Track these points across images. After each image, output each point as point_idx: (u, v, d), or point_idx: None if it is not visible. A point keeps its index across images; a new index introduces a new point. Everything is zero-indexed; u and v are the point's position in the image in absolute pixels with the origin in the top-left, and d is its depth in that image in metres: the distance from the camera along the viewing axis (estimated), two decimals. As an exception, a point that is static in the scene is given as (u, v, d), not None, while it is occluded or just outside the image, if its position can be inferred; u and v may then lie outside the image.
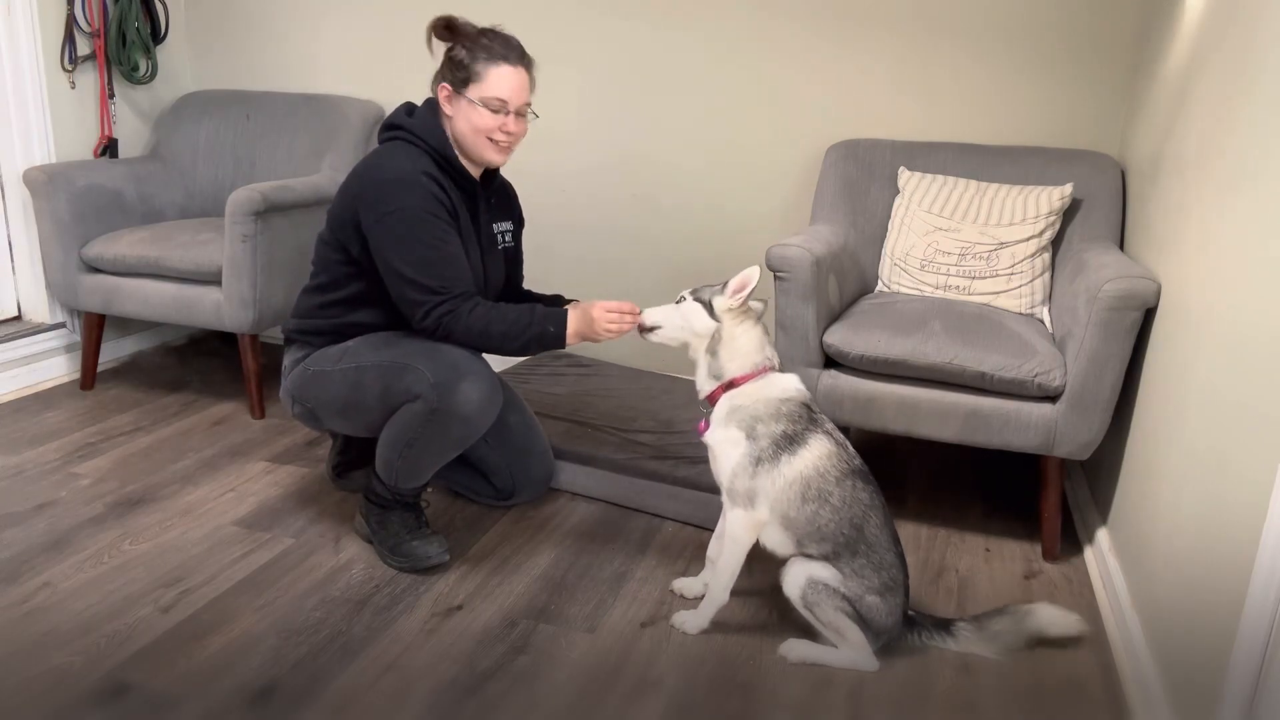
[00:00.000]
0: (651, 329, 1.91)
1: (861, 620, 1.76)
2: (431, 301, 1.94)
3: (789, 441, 1.77)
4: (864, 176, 2.76)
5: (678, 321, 1.88)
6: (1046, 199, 2.50)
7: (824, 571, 1.77)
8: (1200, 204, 1.82)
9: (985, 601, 2.05)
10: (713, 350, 1.84)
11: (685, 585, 2.03)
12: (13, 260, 3.15)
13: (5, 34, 2.96)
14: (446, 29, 2.01)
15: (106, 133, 3.25)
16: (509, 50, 2.00)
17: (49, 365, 3.14)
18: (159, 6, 3.35)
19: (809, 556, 1.80)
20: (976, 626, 1.85)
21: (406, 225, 1.93)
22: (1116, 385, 2.07)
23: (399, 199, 1.94)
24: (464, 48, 1.99)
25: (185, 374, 3.27)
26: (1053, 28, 2.70)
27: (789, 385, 1.84)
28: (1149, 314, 2.04)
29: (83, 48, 3.16)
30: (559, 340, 1.97)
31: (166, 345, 3.56)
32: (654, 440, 2.49)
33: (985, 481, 2.67)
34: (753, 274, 1.82)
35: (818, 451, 1.78)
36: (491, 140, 2.02)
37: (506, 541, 2.23)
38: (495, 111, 1.99)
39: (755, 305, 1.88)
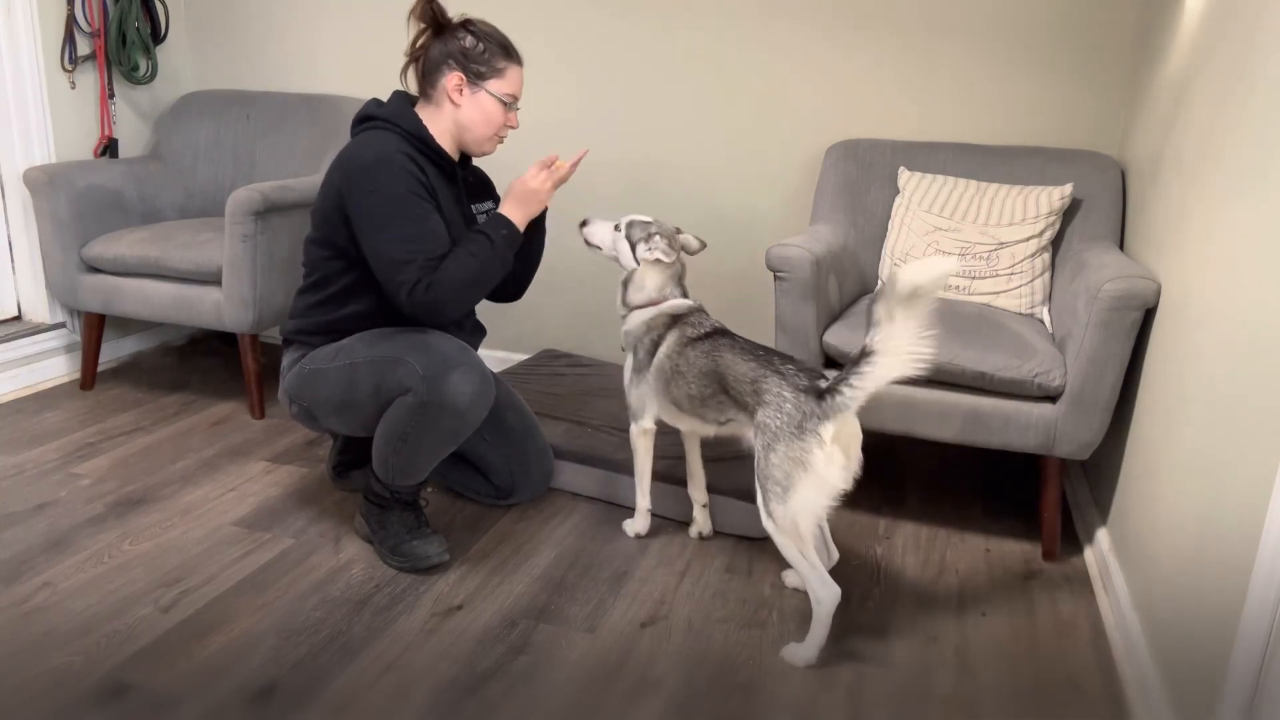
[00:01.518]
0: (595, 246, 2.22)
1: (779, 444, 1.75)
2: (414, 279, 1.93)
3: (654, 346, 2.07)
4: (864, 176, 2.76)
5: (610, 248, 2.19)
6: (1046, 199, 2.50)
7: (757, 473, 1.81)
8: (1200, 204, 1.82)
9: (985, 602, 2.06)
10: (625, 283, 2.15)
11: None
12: (13, 260, 3.16)
13: (5, 34, 2.96)
14: (434, 13, 2.04)
15: (106, 133, 3.25)
16: (514, 49, 2.10)
17: (49, 365, 3.14)
18: (159, 6, 3.35)
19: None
20: (878, 329, 1.65)
21: (388, 204, 1.95)
22: (1116, 385, 2.07)
23: (377, 179, 1.95)
24: (478, 40, 2.04)
25: (185, 374, 3.28)
26: (1053, 28, 2.70)
27: (661, 308, 2.09)
28: (1149, 314, 2.04)
29: (83, 48, 3.16)
30: (516, 230, 2.07)
31: (166, 345, 3.56)
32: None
33: (985, 481, 2.67)
34: (671, 256, 2.10)
35: (668, 341, 2.05)
36: (496, 133, 2.11)
37: (506, 541, 2.23)
38: (508, 107, 2.08)
39: (691, 242, 2.20)
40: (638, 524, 2.25)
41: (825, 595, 1.77)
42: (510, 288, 2.35)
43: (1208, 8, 1.98)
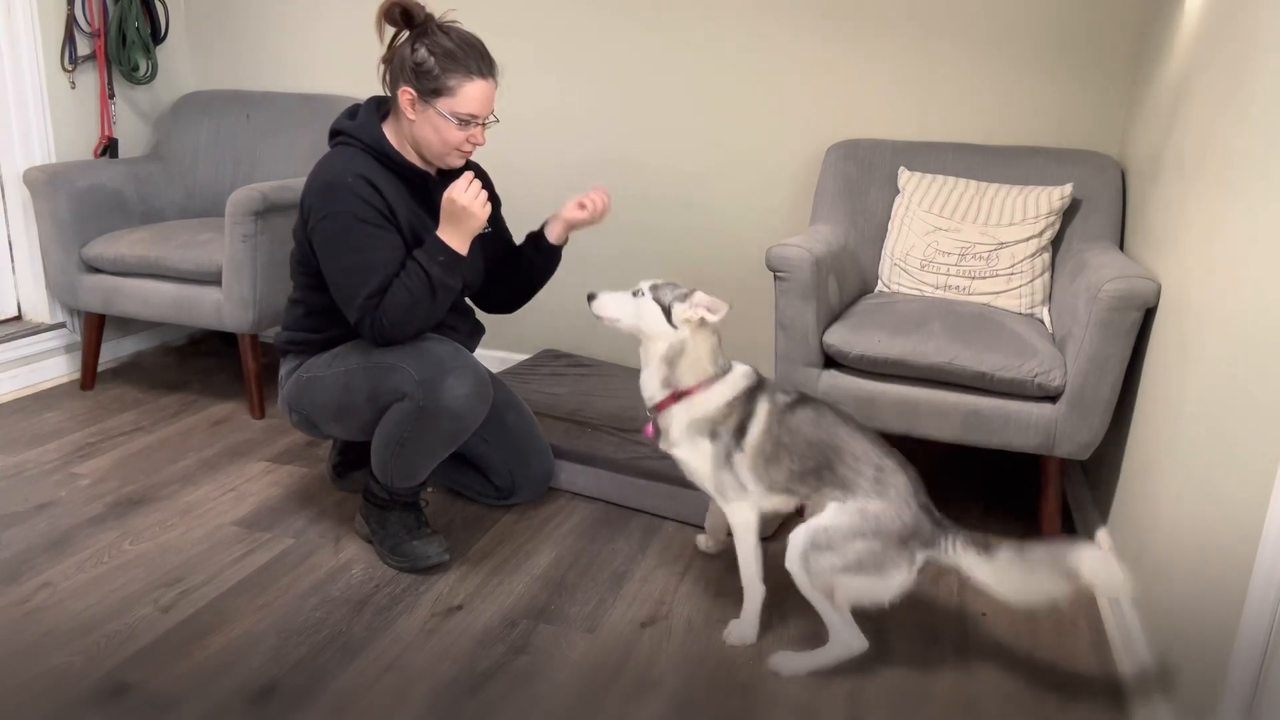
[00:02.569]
0: (611, 319, 1.91)
1: (876, 540, 1.69)
2: (355, 315, 1.93)
3: (740, 426, 1.85)
4: (864, 176, 2.76)
5: (631, 318, 1.88)
6: (1046, 199, 2.50)
7: (821, 520, 1.74)
8: (1200, 204, 1.82)
9: (985, 601, 2.05)
10: (670, 360, 1.85)
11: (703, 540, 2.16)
12: (13, 260, 3.16)
13: (5, 34, 2.96)
14: (403, 15, 1.93)
15: (106, 133, 3.25)
16: (481, 63, 1.94)
17: (49, 365, 3.14)
18: (159, 6, 3.35)
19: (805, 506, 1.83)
20: (1018, 553, 1.67)
21: (333, 233, 1.92)
22: (1116, 385, 2.07)
23: (326, 205, 1.93)
24: (430, 53, 1.90)
25: (185, 374, 3.28)
26: (1052, 28, 2.70)
27: (735, 382, 1.87)
28: (1149, 314, 2.04)
29: (83, 48, 3.16)
30: (453, 255, 1.94)
31: (166, 345, 3.56)
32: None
33: (985, 481, 2.67)
34: (722, 308, 1.82)
35: (760, 418, 1.84)
36: (454, 150, 2.00)
37: (506, 541, 2.23)
38: (465, 124, 1.96)
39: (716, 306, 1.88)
40: (746, 630, 1.87)
41: (855, 645, 1.75)
42: (506, 303, 2.33)
43: (1208, 8, 1.98)
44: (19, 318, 3.19)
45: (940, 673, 1.80)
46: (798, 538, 1.74)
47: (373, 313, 1.92)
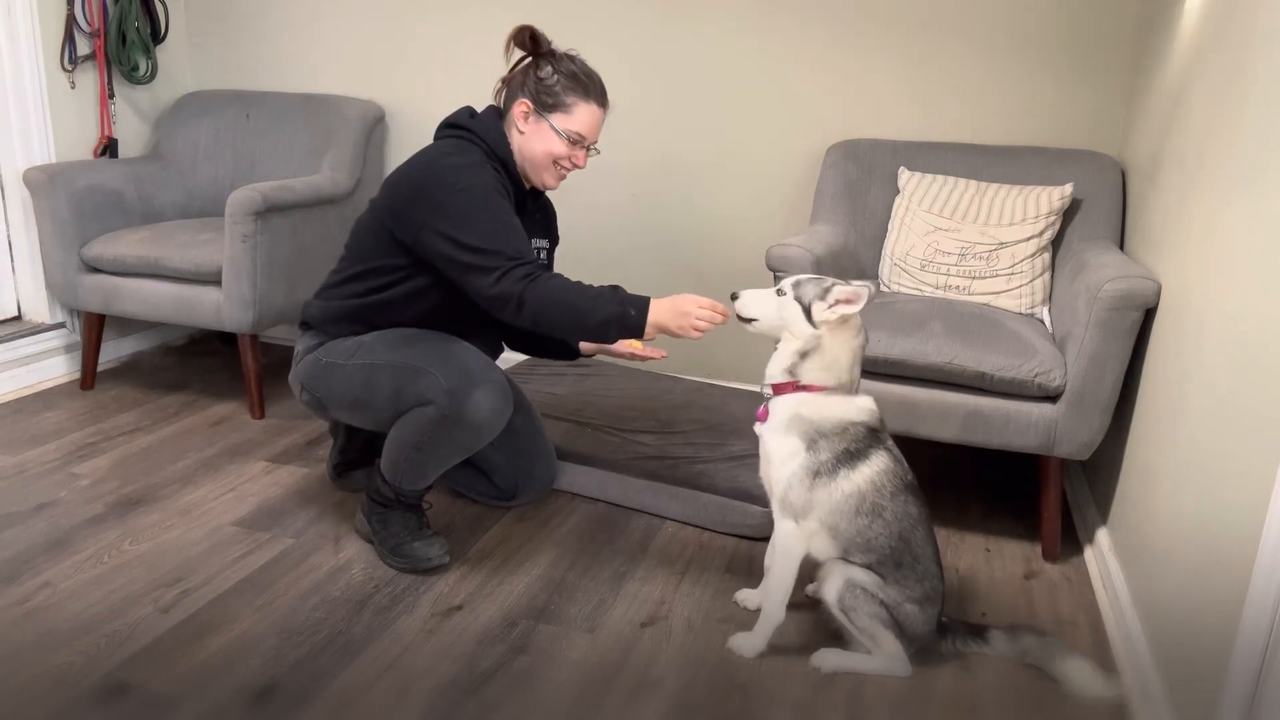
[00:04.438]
0: (750, 320, 1.81)
1: (897, 627, 1.75)
2: (507, 265, 1.87)
3: (849, 457, 1.74)
4: (864, 176, 2.76)
5: (774, 318, 1.78)
6: (1046, 199, 2.50)
7: (864, 576, 1.76)
8: (1200, 204, 1.82)
9: (985, 602, 2.06)
10: (803, 353, 1.76)
11: (747, 597, 1.99)
12: (13, 260, 3.15)
13: (5, 34, 2.96)
14: (531, 39, 2.03)
15: (106, 133, 3.25)
16: (600, 91, 2.06)
17: (49, 365, 3.14)
18: (159, 6, 3.35)
19: (849, 561, 1.78)
20: (1010, 636, 1.83)
21: (477, 200, 1.92)
22: (1116, 385, 2.07)
23: (468, 178, 1.94)
24: (555, 72, 2.01)
25: (185, 374, 3.28)
26: (1053, 28, 2.70)
27: (862, 406, 1.78)
28: (1149, 314, 2.04)
29: (83, 48, 3.16)
30: (638, 326, 1.87)
31: (166, 345, 3.56)
32: (654, 440, 2.49)
33: (985, 481, 2.67)
34: (862, 294, 1.71)
35: (877, 467, 1.75)
36: (556, 165, 2.05)
37: (506, 541, 2.23)
38: (573, 144, 2.03)
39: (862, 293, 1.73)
40: (756, 642, 1.83)
41: (900, 669, 1.78)
42: (530, 344, 2.33)
43: (1207, 8, 1.98)
44: (19, 318, 3.19)
45: (940, 673, 1.80)
46: (832, 583, 1.78)
47: (540, 270, 1.88)
